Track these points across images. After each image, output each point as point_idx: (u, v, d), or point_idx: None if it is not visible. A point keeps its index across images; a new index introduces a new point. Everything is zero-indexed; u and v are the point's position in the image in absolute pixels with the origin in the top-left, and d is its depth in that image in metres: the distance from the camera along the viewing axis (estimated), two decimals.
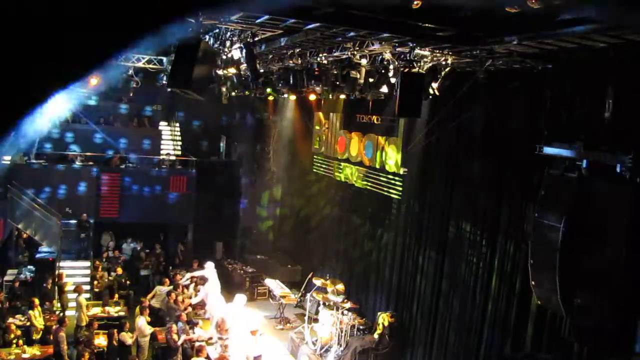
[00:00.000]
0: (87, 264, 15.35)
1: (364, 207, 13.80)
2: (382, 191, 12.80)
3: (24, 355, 10.50)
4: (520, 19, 5.17)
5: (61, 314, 12.50)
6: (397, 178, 12.22)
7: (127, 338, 11.06)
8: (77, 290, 12.41)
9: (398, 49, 7.29)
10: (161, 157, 18.37)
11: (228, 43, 9.14)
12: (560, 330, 7.47)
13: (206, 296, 13.15)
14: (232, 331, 11.18)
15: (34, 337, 11.44)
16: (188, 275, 14.17)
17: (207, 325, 12.19)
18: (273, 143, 18.74)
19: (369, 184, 13.36)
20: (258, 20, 6.96)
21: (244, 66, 9.36)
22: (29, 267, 14.82)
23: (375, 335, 11.57)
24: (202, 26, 6.18)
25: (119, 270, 14.79)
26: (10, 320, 11.71)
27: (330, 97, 11.17)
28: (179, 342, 10.90)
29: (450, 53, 7.52)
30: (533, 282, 6.69)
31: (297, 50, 8.89)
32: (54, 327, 11.15)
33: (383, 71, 8.16)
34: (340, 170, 14.83)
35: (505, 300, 8.70)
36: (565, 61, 6.99)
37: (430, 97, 8.19)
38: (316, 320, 12.80)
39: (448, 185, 10.41)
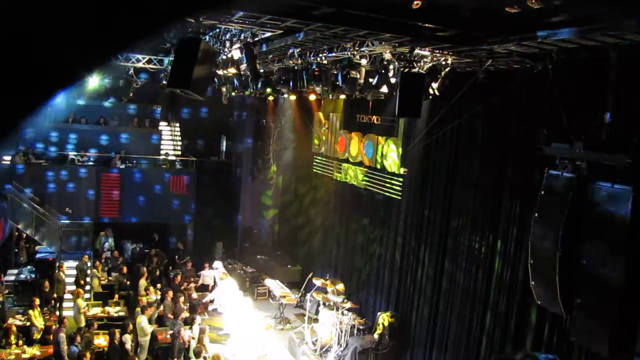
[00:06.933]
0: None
1: (363, 207, 13.78)
2: (382, 191, 12.79)
3: (24, 355, 10.49)
4: (520, 19, 5.17)
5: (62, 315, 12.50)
6: (397, 178, 12.22)
7: (129, 340, 11.06)
8: (74, 293, 12.39)
9: (398, 49, 7.29)
10: (161, 157, 18.36)
11: (228, 43, 9.14)
12: (560, 330, 7.48)
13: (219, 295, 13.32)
14: (242, 326, 11.38)
15: (34, 337, 11.43)
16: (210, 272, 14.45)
17: (212, 322, 12.34)
18: (273, 143, 18.73)
19: (369, 184, 13.35)
20: (258, 20, 6.96)
21: (244, 66, 9.37)
22: (28, 267, 14.81)
23: (375, 335, 11.56)
24: (202, 26, 6.18)
25: (124, 270, 14.74)
26: (11, 320, 11.70)
27: (330, 97, 11.17)
28: (187, 344, 11.14)
29: (450, 53, 7.52)
30: (533, 282, 6.68)
31: (297, 50, 8.89)
32: (54, 327, 11.14)
33: (383, 71, 8.16)
34: (340, 171, 14.82)
35: (505, 300, 8.70)
36: (565, 61, 6.98)
37: (430, 97, 8.20)
38: (316, 320, 12.80)
39: (448, 185, 10.40)
